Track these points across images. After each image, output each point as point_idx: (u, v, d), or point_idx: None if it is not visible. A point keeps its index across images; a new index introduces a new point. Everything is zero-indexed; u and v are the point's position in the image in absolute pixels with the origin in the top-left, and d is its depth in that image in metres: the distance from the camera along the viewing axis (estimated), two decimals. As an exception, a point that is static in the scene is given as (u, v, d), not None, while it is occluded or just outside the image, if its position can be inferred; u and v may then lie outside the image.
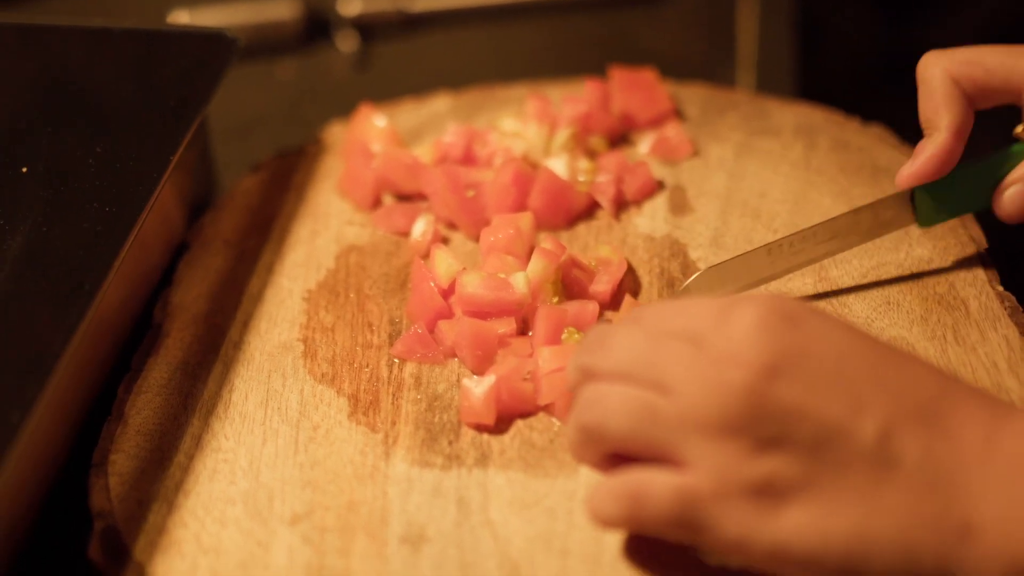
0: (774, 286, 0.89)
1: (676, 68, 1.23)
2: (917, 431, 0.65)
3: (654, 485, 0.67)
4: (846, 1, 1.57)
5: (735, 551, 0.67)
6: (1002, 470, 0.64)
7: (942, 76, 0.84)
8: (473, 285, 0.86)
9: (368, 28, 1.32)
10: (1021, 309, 0.87)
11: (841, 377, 0.66)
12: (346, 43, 1.30)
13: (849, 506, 0.65)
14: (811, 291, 0.89)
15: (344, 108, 1.11)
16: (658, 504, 0.67)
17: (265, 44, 1.29)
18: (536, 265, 0.87)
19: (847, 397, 0.65)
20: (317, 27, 1.31)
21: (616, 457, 0.70)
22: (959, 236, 0.92)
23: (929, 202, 0.87)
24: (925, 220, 0.88)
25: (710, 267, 0.87)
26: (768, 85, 1.23)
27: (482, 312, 0.86)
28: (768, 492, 0.65)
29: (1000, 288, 0.88)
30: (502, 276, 0.87)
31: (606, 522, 0.69)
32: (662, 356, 0.68)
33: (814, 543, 0.65)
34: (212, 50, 0.99)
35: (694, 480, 0.66)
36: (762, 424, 0.65)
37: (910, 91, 0.88)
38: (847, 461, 0.65)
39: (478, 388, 0.82)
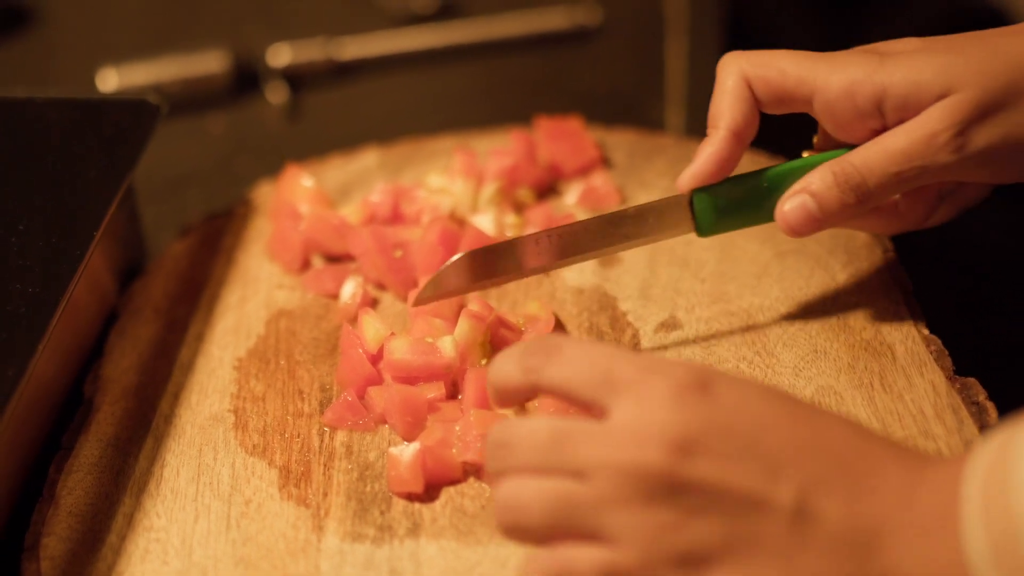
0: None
1: (606, 107, 1.24)
2: (835, 493, 0.66)
3: (581, 562, 0.67)
4: (775, 31, 1.57)
5: None
6: (920, 524, 0.65)
7: (735, 76, 0.84)
8: (401, 351, 0.87)
9: (297, 78, 1.32)
10: (947, 353, 0.87)
11: (756, 446, 0.66)
12: (276, 94, 1.30)
13: (771, 570, 0.65)
14: (738, 340, 0.90)
15: (276, 160, 1.11)
16: None
17: (195, 98, 1.28)
18: (463, 328, 0.87)
19: (763, 467, 0.66)
20: (246, 79, 1.31)
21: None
22: (885, 280, 0.93)
23: (708, 208, 0.85)
24: (704, 228, 0.86)
25: (466, 253, 0.86)
26: (698, 120, 1.23)
27: (411, 377, 0.86)
28: (691, 561, 0.66)
29: (926, 332, 0.89)
30: (430, 340, 0.87)
31: None
32: (571, 441, 0.68)
33: None
34: (136, 116, 0.99)
35: (620, 555, 0.66)
36: (681, 499, 0.65)
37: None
38: (767, 529, 0.65)
39: (404, 457, 0.82)
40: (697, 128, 1.21)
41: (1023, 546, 0.61)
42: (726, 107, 0.84)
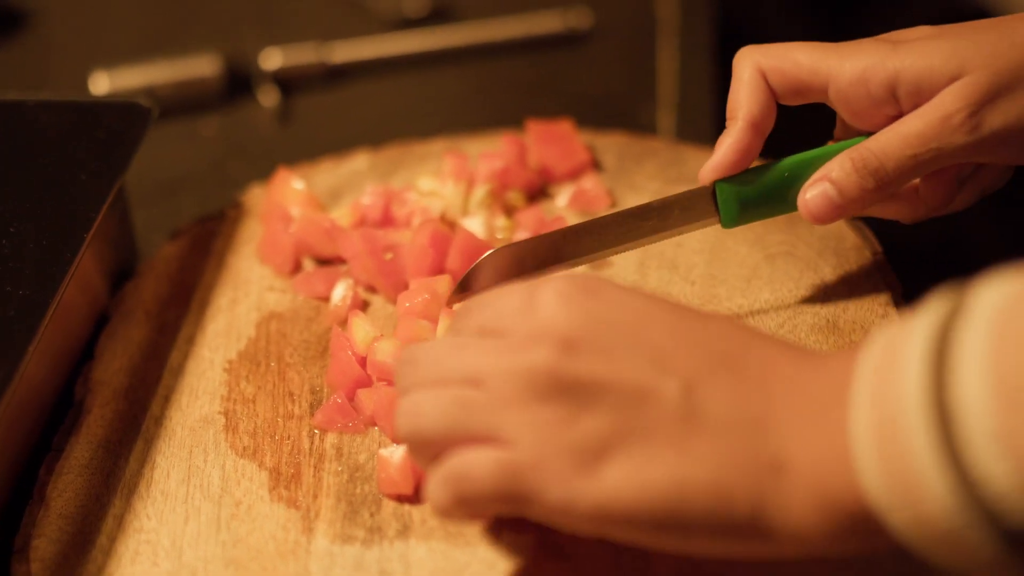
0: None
1: (597, 110, 1.24)
2: (721, 381, 0.68)
3: (476, 463, 0.69)
4: (767, 36, 1.58)
5: (561, 516, 0.68)
6: (809, 408, 0.66)
7: (751, 68, 0.85)
8: (384, 353, 0.87)
9: (289, 82, 1.32)
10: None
11: (640, 340, 0.69)
12: (268, 98, 1.30)
13: (663, 459, 0.67)
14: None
15: (267, 163, 1.11)
16: (481, 480, 0.69)
17: (187, 101, 1.29)
18: (444, 327, 0.87)
19: (648, 359, 0.68)
20: (238, 83, 1.31)
21: None
22: (874, 282, 0.93)
23: (732, 200, 0.87)
24: (728, 220, 0.87)
25: (497, 249, 0.87)
26: (689, 124, 1.24)
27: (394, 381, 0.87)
28: (585, 454, 0.67)
29: (914, 334, 0.89)
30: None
31: (439, 510, 0.71)
32: (468, 353, 0.71)
33: (634, 497, 0.66)
34: (128, 119, 0.99)
35: (515, 453, 0.68)
36: (571, 394, 0.68)
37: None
38: (656, 418, 0.67)
39: (394, 459, 0.82)
40: (688, 131, 1.22)
41: (902, 432, 0.61)
42: (743, 98, 0.85)
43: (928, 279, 0.93)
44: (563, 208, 1.03)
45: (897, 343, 0.64)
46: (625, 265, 0.97)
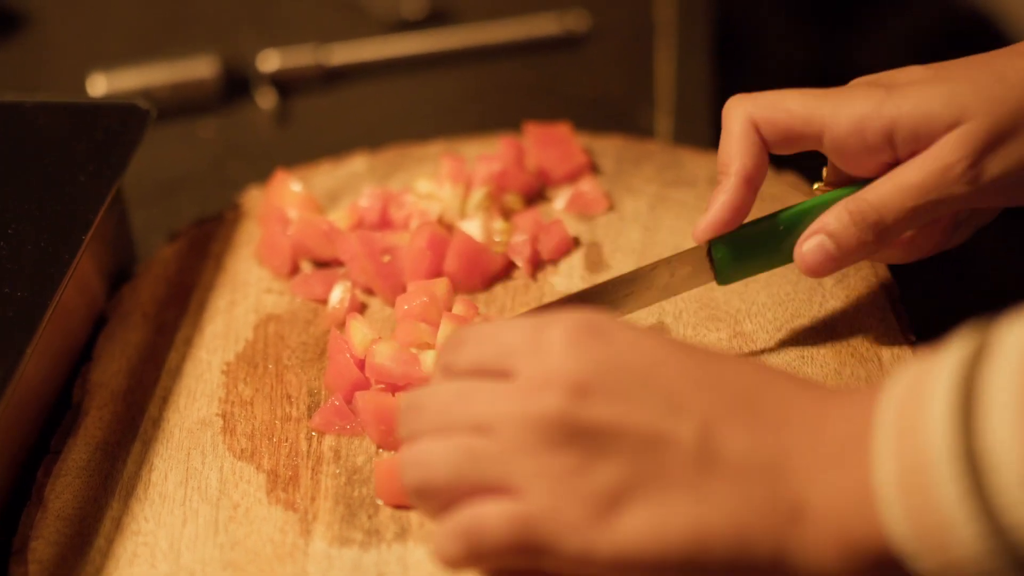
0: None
1: (595, 113, 1.24)
2: (738, 424, 0.66)
3: (488, 516, 0.68)
4: (765, 38, 1.58)
5: (577, 567, 0.67)
6: (829, 451, 0.65)
7: (742, 120, 0.83)
8: (382, 356, 0.87)
9: (287, 84, 1.32)
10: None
11: (653, 383, 0.67)
12: (266, 100, 1.30)
13: (681, 505, 0.65)
14: (726, 344, 0.90)
15: (265, 165, 1.11)
16: (495, 533, 0.67)
17: (185, 103, 1.29)
18: (445, 331, 0.88)
19: (662, 402, 0.66)
20: (236, 85, 1.31)
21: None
22: (872, 286, 0.93)
23: (727, 257, 0.85)
24: (724, 277, 0.85)
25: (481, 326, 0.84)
26: (686, 126, 1.24)
27: (391, 384, 0.87)
28: (601, 503, 0.66)
29: (913, 338, 0.89)
30: (413, 351, 0.87)
31: (449, 563, 0.70)
32: (475, 399, 0.69)
33: (653, 545, 0.65)
34: (126, 121, 0.99)
35: (528, 504, 0.67)
36: (583, 441, 0.66)
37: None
38: (672, 463, 0.66)
39: (390, 464, 0.82)
40: (686, 134, 1.22)
41: (930, 479, 0.60)
42: (736, 153, 0.83)
43: (926, 283, 0.93)
44: (561, 211, 1.03)
45: (920, 386, 0.62)
46: (622, 269, 0.97)
